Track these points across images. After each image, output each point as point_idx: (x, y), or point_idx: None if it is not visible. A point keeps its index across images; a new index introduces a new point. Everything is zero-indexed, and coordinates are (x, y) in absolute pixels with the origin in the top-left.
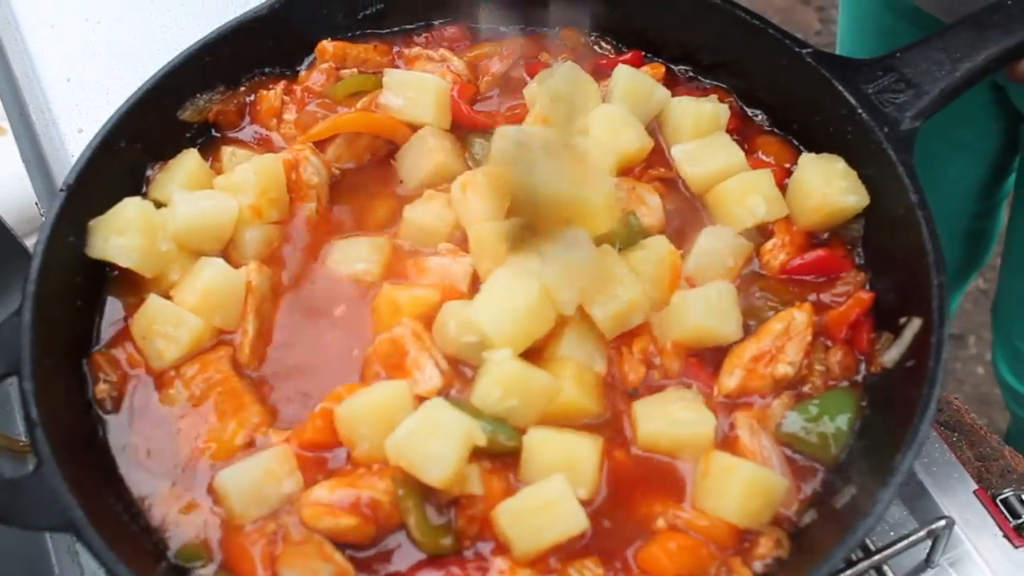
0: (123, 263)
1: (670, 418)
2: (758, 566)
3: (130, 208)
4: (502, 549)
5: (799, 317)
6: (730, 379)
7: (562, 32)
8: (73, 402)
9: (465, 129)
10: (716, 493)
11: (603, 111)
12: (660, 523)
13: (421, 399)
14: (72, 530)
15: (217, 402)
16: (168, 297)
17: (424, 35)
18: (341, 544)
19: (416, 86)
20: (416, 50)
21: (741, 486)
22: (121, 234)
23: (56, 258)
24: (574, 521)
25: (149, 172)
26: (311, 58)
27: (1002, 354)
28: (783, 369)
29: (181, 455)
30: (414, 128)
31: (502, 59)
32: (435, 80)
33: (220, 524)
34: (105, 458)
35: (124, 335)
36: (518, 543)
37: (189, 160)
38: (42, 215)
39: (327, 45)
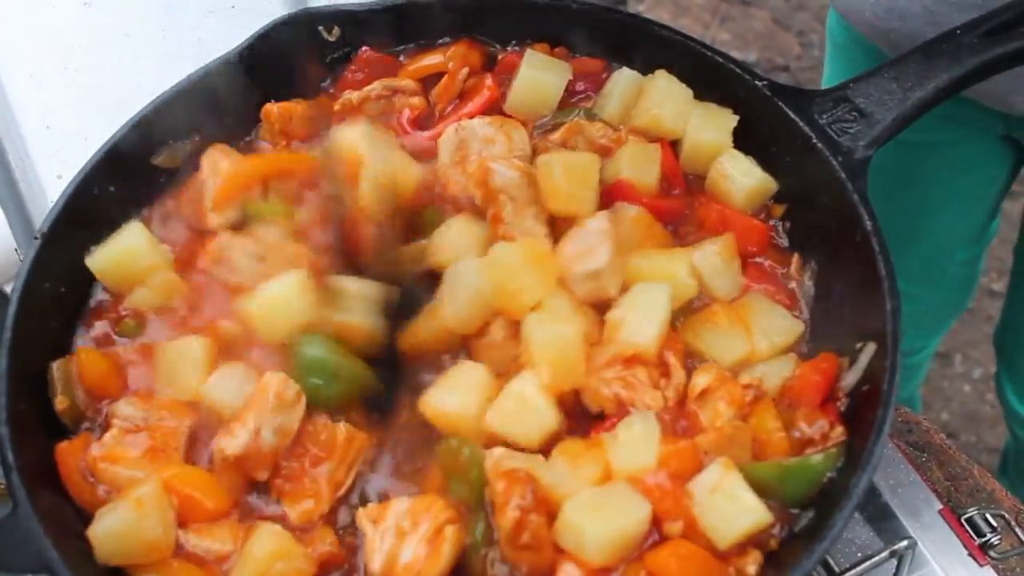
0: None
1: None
2: None
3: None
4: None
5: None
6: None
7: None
8: (49, 445)
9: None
10: (720, 512)
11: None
12: (675, 527)
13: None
14: (48, 571)
15: None
16: None
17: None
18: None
19: None
20: (356, 95)
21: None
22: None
23: (32, 304)
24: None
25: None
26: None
27: (1010, 383)
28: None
29: None
30: None
31: (451, 77)
32: None
33: None
34: None
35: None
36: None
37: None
38: (21, 261)
39: (272, 107)
